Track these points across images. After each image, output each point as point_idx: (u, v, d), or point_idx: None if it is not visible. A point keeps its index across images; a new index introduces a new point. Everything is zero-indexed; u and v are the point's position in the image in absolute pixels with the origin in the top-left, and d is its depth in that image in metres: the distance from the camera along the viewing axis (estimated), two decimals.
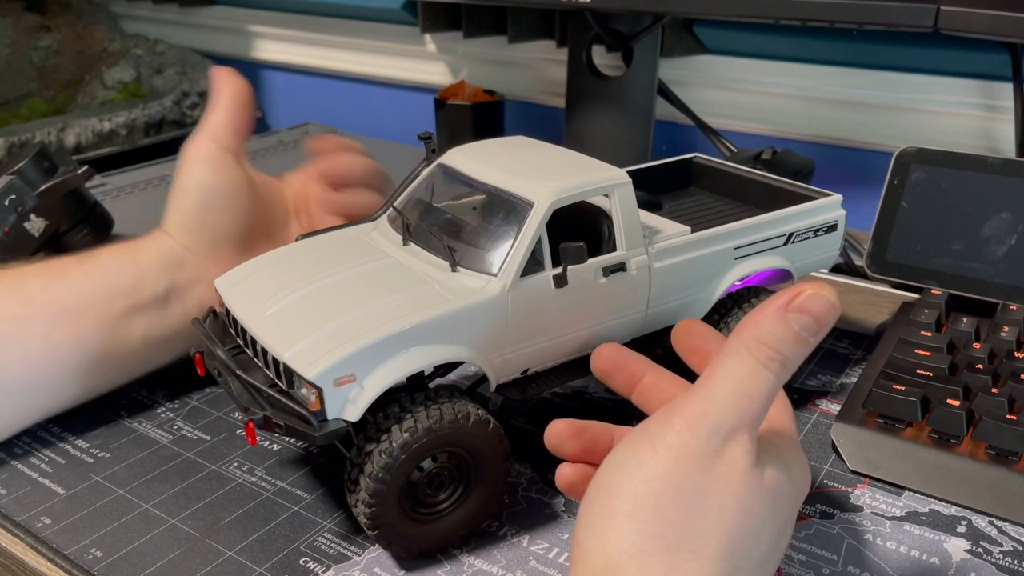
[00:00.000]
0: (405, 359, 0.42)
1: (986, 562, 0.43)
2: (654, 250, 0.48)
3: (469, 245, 0.45)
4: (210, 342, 0.46)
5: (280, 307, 0.44)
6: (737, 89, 0.92)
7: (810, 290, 0.34)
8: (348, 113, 1.23)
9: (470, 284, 0.44)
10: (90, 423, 0.54)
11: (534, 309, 0.45)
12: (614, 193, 0.46)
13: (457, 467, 0.44)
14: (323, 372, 0.40)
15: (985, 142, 0.81)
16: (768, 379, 0.33)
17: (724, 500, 0.32)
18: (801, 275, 0.56)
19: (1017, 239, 0.59)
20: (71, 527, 0.46)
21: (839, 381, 0.59)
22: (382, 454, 0.41)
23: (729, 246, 0.51)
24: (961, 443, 0.49)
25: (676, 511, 0.32)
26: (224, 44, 1.31)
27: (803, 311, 0.33)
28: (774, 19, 0.69)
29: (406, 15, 1.08)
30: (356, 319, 0.42)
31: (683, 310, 0.51)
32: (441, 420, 0.41)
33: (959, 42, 0.73)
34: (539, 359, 0.47)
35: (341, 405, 0.41)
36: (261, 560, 0.44)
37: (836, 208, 0.56)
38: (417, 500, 0.43)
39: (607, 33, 0.83)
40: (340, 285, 0.45)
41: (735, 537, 0.32)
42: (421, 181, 0.51)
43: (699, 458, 0.33)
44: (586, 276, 0.46)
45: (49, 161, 0.73)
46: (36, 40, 1.26)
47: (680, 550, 0.32)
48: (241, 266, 0.49)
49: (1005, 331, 0.55)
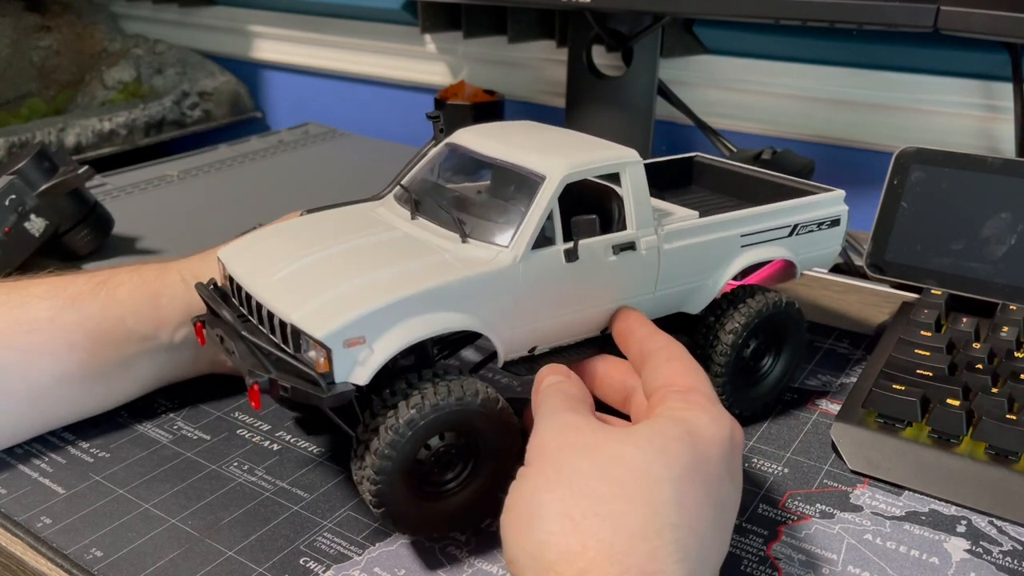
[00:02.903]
0: (415, 324, 0.41)
1: (986, 562, 0.43)
2: (664, 231, 0.48)
3: (479, 218, 0.45)
4: (216, 305, 0.46)
5: (287, 272, 0.44)
6: (737, 89, 0.92)
7: None
8: (348, 113, 1.23)
9: (481, 255, 0.44)
10: (90, 423, 0.54)
11: (544, 283, 0.45)
12: (625, 171, 0.46)
13: (466, 446, 0.43)
14: (333, 332, 0.39)
15: (985, 142, 0.81)
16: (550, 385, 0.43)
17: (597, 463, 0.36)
18: (804, 268, 0.56)
19: (1017, 239, 0.59)
20: (71, 527, 0.46)
21: (839, 381, 0.59)
22: (388, 430, 0.40)
23: (736, 233, 0.51)
24: (961, 443, 0.49)
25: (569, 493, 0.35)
26: (224, 44, 1.31)
27: None
28: (774, 19, 0.69)
29: (406, 15, 1.08)
30: (366, 283, 0.41)
31: (689, 295, 0.51)
32: (449, 397, 0.41)
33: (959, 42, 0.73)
34: (548, 337, 0.47)
35: (350, 367, 0.40)
36: (261, 560, 0.44)
37: (839, 203, 0.56)
38: (424, 479, 0.43)
39: (607, 33, 0.83)
40: (349, 253, 0.45)
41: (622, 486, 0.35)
42: (429, 160, 0.51)
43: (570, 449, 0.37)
44: (597, 252, 0.46)
45: (49, 161, 0.73)
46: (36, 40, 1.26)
47: (585, 518, 0.34)
48: (244, 237, 0.49)
49: (1005, 331, 0.55)
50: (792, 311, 0.54)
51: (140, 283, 0.54)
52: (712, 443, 0.38)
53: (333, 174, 0.97)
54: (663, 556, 0.33)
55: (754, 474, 0.50)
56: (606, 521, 0.34)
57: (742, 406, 0.54)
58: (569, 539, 0.34)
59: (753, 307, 0.51)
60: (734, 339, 0.51)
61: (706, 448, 0.37)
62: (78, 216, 0.74)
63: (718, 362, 0.51)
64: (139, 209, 0.86)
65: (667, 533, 0.34)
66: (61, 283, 0.53)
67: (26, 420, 0.52)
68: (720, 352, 0.51)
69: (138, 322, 0.52)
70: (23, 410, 0.51)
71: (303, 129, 1.13)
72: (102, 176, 0.94)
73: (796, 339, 0.55)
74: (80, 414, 0.54)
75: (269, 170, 0.98)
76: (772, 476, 0.50)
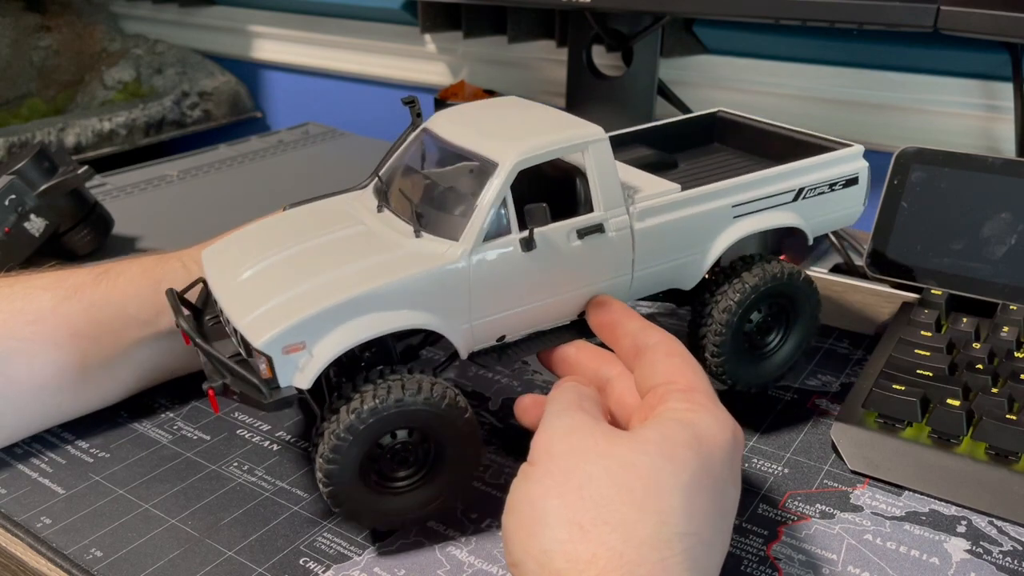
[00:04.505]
0: (357, 325, 0.41)
1: (986, 562, 0.43)
2: (636, 210, 0.46)
3: (437, 210, 0.44)
4: (176, 313, 0.46)
5: (247, 276, 0.44)
6: (737, 89, 0.92)
7: None
8: (348, 113, 1.23)
9: (433, 250, 0.43)
10: (90, 423, 0.54)
11: (501, 275, 0.43)
12: (588, 150, 0.44)
13: (423, 447, 0.43)
14: (270, 340, 0.40)
15: (985, 142, 0.81)
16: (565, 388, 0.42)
17: (607, 468, 0.36)
18: (818, 233, 0.53)
19: (1017, 239, 0.59)
20: (71, 527, 0.46)
21: (839, 381, 0.59)
22: (350, 413, 0.40)
23: (725, 203, 0.49)
24: (961, 443, 0.49)
25: (576, 497, 0.35)
26: (224, 44, 1.31)
27: None
28: (774, 19, 0.69)
29: (406, 15, 1.08)
30: (313, 287, 0.42)
31: (676, 272, 0.49)
32: (416, 395, 0.41)
33: (959, 42, 0.73)
34: (514, 326, 0.46)
35: (291, 373, 0.40)
36: (261, 560, 0.44)
37: (856, 159, 0.53)
38: (377, 471, 0.43)
39: (607, 33, 0.83)
40: (305, 253, 0.45)
41: (632, 493, 0.34)
42: (406, 147, 0.50)
43: (578, 453, 0.37)
44: (557, 239, 0.44)
45: (49, 161, 0.73)
46: (36, 40, 1.26)
47: (595, 526, 0.34)
48: (227, 237, 0.49)
49: (1005, 331, 0.55)
50: (798, 282, 0.51)
51: (140, 272, 0.54)
52: (716, 446, 0.38)
53: (333, 174, 0.97)
54: (673, 566, 0.33)
55: (754, 474, 0.50)
56: (616, 530, 0.33)
57: (749, 382, 0.52)
58: (578, 547, 0.33)
59: (749, 282, 0.49)
60: (728, 317, 0.49)
61: (711, 452, 0.37)
62: (78, 216, 0.74)
63: (713, 341, 0.49)
64: (139, 209, 0.86)
65: (676, 543, 0.34)
66: (63, 275, 0.54)
67: (29, 413, 0.52)
68: (715, 332, 0.49)
69: (139, 309, 0.53)
70: (27, 402, 0.51)
71: (303, 129, 1.13)
72: (102, 176, 0.94)
73: (807, 311, 0.52)
74: (83, 408, 0.54)
75: (269, 170, 0.98)
76: (772, 476, 0.50)
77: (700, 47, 0.93)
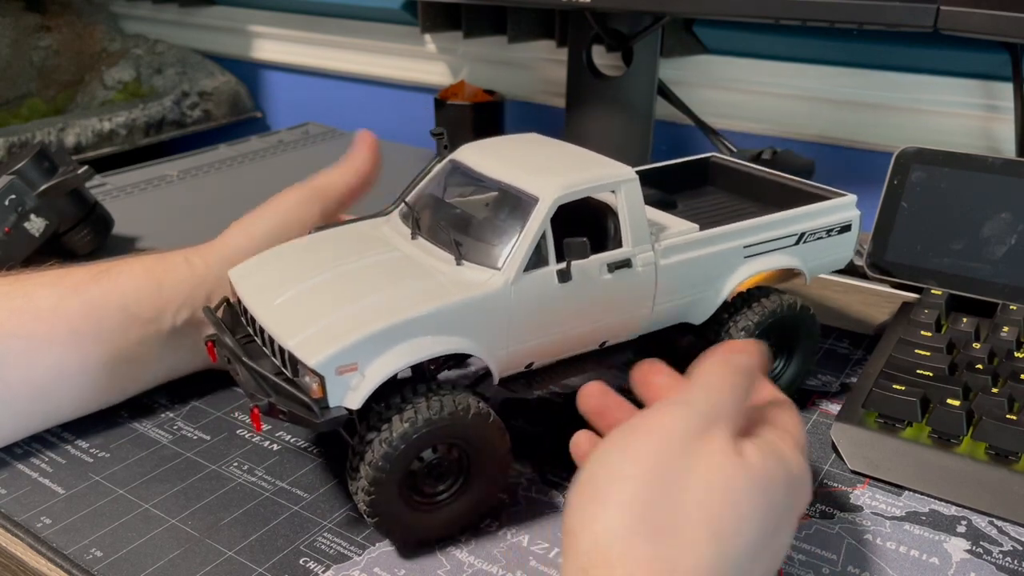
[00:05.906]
0: (407, 349, 0.42)
1: (986, 562, 0.43)
2: (660, 247, 0.48)
3: (475, 240, 0.46)
4: (220, 330, 0.47)
5: (287, 297, 0.45)
6: (737, 89, 0.92)
7: None
8: (348, 113, 1.23)
9: (474, 277, 0.44)
10: (90, 423, 0.54)
11: (538, 304, 0.45)
12: (620, 189, 0.46)
13: (457, 459, 0.44)
14: (326, 360, 0.40)
15: (985, 142, 0.81)
16: (738, 381, 0.39)
17: (707, 482, 0.34)
18: (814, 275, 0.56)
19: (1017, 239, 0.59)
20: (71, 527, 0.46)
21: (839, 381, 0.59)
22: (382, 443, 0.41)
23: (738, 244, 0.51)
24: (961, 443, 0.49)
25: (660, 493, 0.33)
26: (224, 44, 1.31)
27: None
28: (774, 19, 0.69)
29: (406, 15, 1.08)
30: (360, 309, 0.42)
31: (690, 308, 0.52)
32: (441, 412, 0.42)
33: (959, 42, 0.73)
34: (543, 354, 0.48)
35: (343, 393, 0.41)
36: (261, 560, 0.44)
37: (850, 208, 0.56)
38: (417, 489, 0.43)
39: (607, 33, 0.83)
40: (347, 276, 0.46)
41: (719, 521, 0.33)
42: (433, 177, 0.51)
43: (681, 442, 0.35)
44: (591, 271, 0.46)
45: (49, 161, 0.73)
46: (36, 40, 1.26)
47: (664, 532, 0.33)
48: (255, 258, 0.50)
49: (1005, 331, 0.55)
50: (806, 315, 0.54)
51: (141, 270, 0.54)
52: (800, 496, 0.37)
53: None
54: None
55: None
56: (682, 549, 0.32)
57: None
58: (640, 547, 0.32)
59: (768, 307, 0.52)
60: (746, 337, 0.51)
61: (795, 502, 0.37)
62: (78, 216, 0.74)
63: None
64: (139, 209, 0.86)
65: None
66: (62, 273, 0.53)
67: (29, 413, 0.52)
68: None
69: (140, 306, 0.53)
70: (26, 402, 0.51)
71: (303, 129, 1.13)
72: (102, 176, 0.94)
73: (808, 343, 0.55)
74: (84, 408, 0.54)
75: (269, 170, 0.98)
76: None
77: (700, 47, 0.93)
